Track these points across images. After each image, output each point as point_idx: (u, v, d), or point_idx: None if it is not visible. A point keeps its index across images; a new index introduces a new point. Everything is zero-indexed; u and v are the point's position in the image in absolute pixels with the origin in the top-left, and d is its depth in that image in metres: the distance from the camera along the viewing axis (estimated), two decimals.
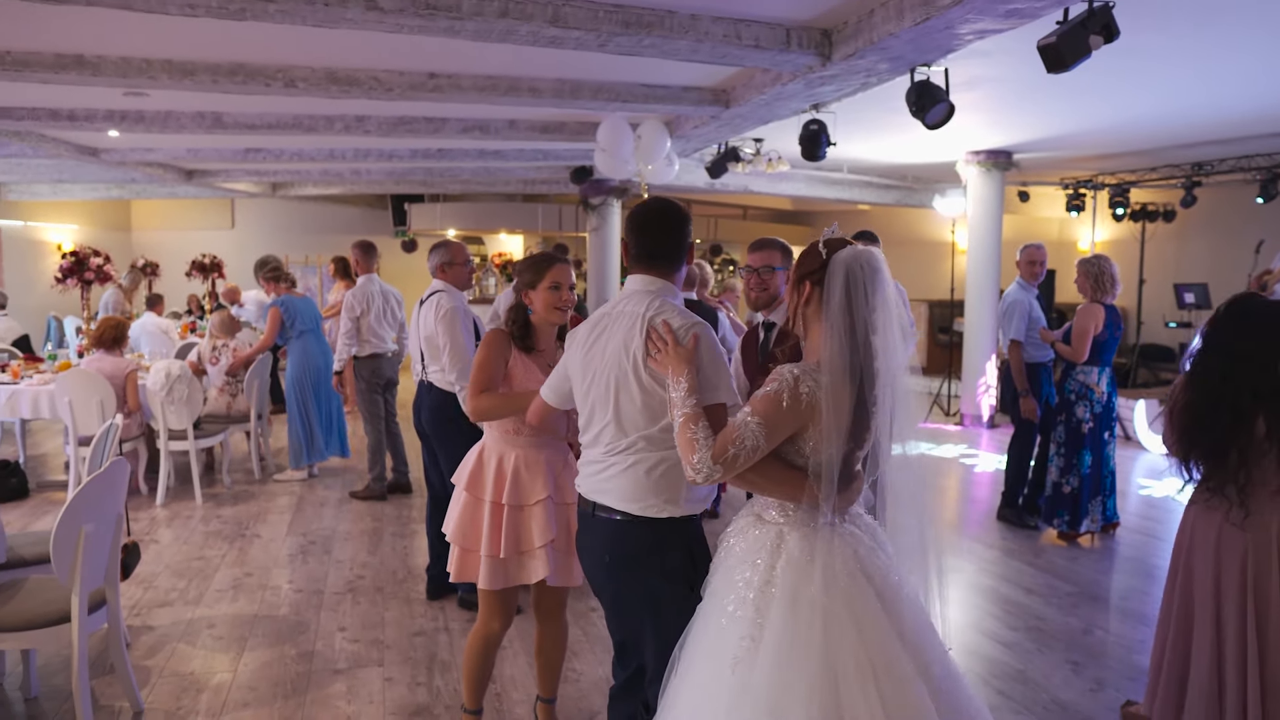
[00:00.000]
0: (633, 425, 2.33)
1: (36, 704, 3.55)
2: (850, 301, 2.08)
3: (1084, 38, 3.67)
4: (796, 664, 1.94)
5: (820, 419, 2.06)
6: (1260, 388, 2.82)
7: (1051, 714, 3.53)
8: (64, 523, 3.09)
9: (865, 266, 2.11)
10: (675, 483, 2.32)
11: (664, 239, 2.45)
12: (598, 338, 2.43)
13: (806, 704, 1.90)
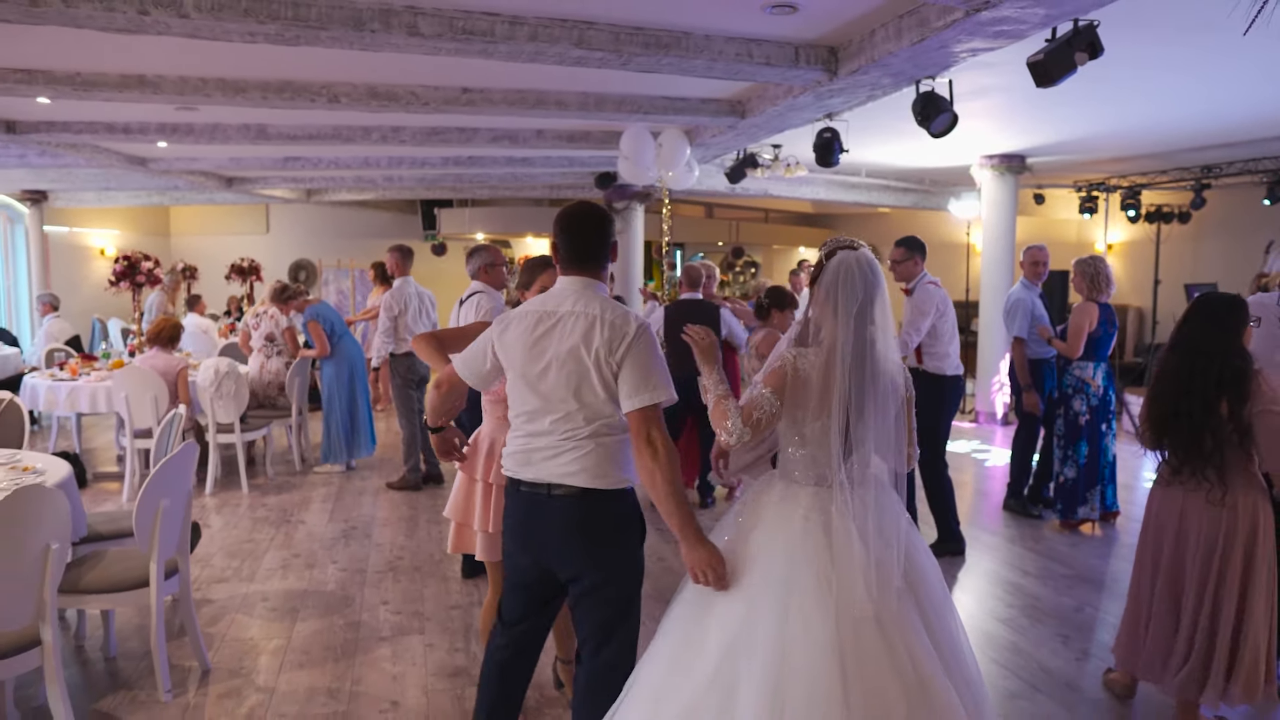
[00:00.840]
0: (596, 413, 2.54)
1: (115, 663, 3.94)
2: (837, 295, 2.41)
3: (1069, 55, 3.96)
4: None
5: (813, 392, 2.41)
6: (1223, 375, 3.12)
7: (1039, 679, 3.82)
8: (144, 498, 3.47)
9: (856, 266, 2.43)
10: (627, 460, 2.59)
11: (592, 241, 2.65)
12: (545, 334, 2.57)
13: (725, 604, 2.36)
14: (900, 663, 2.25)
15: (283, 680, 3.79)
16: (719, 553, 2.40)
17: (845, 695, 2.17)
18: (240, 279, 11.98)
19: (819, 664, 2.20)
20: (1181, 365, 3.24)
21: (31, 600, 2.97)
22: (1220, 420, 3.12)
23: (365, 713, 3.51)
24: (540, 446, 2.59)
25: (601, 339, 2.51)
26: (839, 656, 2.21)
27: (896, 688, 2.22)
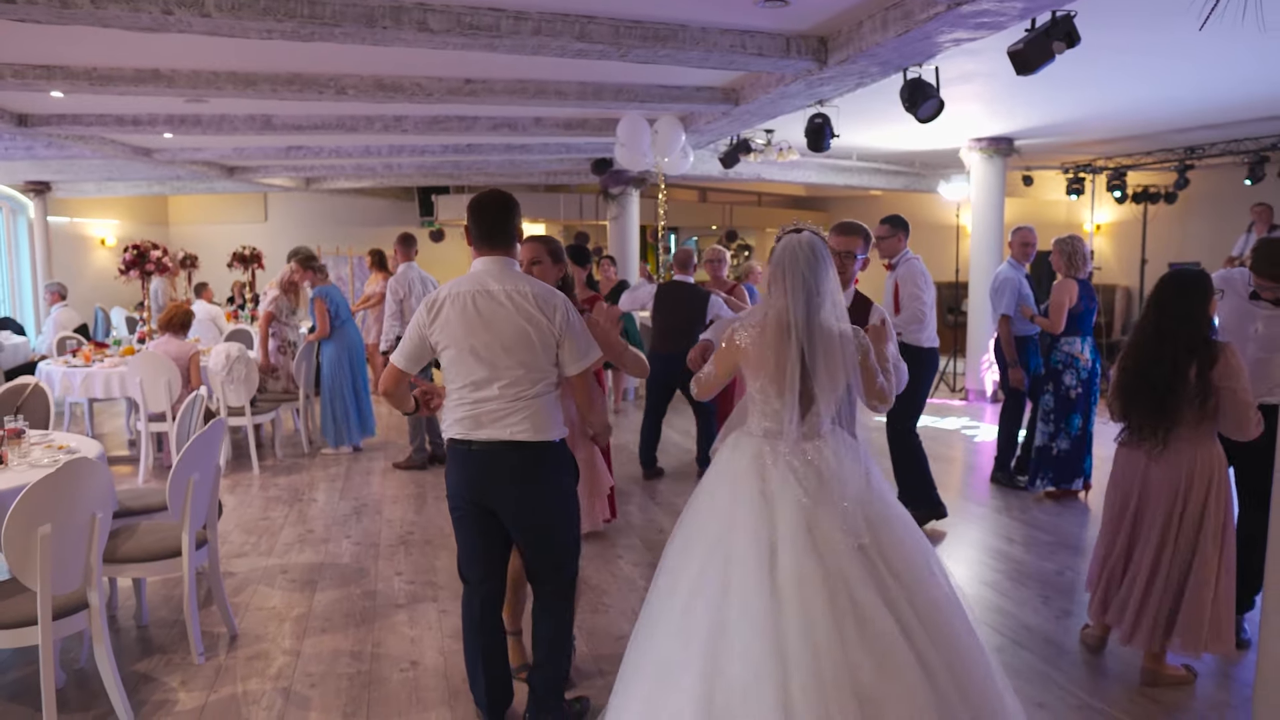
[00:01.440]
0: (540, 376, 2.95)
1: (147, 630, 4.16)
2: (784, 272, 2.72)
3: (1047, 44, 4.16)
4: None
5: (750, 359, 2.77)
6: (1193, 342, 3.37)
7: (1020, 636, 4.07)
8: (177, 472, 3.68)
9: (799, 247, 2.73)
10: (559, 414, 3.04)
11: (507, 224, 3.00)
12: (487, 310, 2.89)
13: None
14: (840, 603, 2.45)
15: (307, 644, 4.02)
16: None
17: (777, 623, 2.42)
18: (243, 266, 12.14)
19: (755, 603, 2.45)
20: (1154, 334, 3.48)
21: (80, 566, 3.19)
22: (1185, 383, 3.36)
23: (387, 672, 3.74)
24: (490, 410, 2.93)
25: (543, 312, 2.90)
26: (773, 591, 2.46)
27: (828, 620, 2.42)
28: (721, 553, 2.59)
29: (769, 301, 2.79)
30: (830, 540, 2.55)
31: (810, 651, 2.39)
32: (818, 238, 2.78)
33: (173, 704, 3.48)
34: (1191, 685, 3.58)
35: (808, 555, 2.51)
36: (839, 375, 2.69)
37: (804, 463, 2.66)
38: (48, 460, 3.82)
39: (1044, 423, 6.17)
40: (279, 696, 3.53)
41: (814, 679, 2.36)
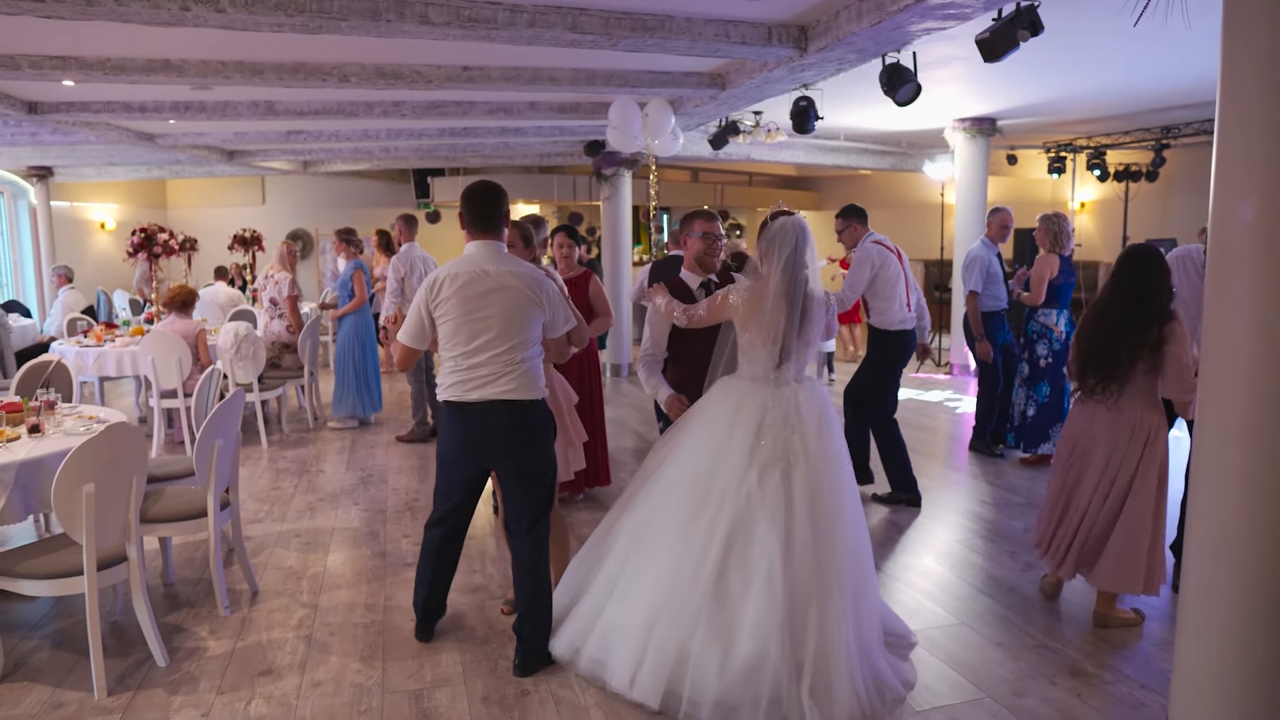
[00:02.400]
0: (528, 343, 3.41)
1: (174, 588, 4.46)
2: (777, 248, 3.34)
3: (1013, 33, 4.43)
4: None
5: (740, 315, 3.40)
6: (1151, 311, 3.68)
7: (985, 586, 4.39)
8: (203, 438, 3.97)
9: (790, 226, 3.34)
10: (539, 374, 3.50)
11: (495, 211, 3.44)
12: (484, 289, 3.33)
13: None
14: (795, 506, 3.23)
15: (324, 598, 4.32)
16: None
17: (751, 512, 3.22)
18: (243, 249, 12.35)
19: (740, 497, 3.23)
20: (1114, 304, 3.78)
21: (120, 522, 3.48)
22: (1140, 348, 3.67)
23: (401, 622, 4.05)
24: (483, 374, 3.38)
25: (533, 291, 3.38)
26: (752, 489, 3.24)
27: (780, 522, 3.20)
28: (677, 467, 3.40)
29: (761, 272, 3.40)
30: (761, 473, 3.25)
31: (699, 556, 3.20)
32: (804, 219, 3.44)
33: (203, 650, 3.78)
34: (1139, 626, 3.90)
35: (732, 485, 3.24)
36: (819, 332, 3.38)
37: (773, 401, 3.32)
38: (81, 429, 4.11)
39: (1020, 390, 6.49)
40: (301, 643, 3.84)
41: (693, 576, 3.18)
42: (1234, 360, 2.62)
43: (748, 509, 3.21)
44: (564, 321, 3.54)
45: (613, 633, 3.31)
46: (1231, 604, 2.63)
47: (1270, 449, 2.55)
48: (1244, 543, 2.59)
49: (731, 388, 3.46)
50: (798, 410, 3.31)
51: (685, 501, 3.30)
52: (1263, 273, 2.55)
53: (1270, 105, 2.50)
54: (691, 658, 3.09)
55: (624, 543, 3.46)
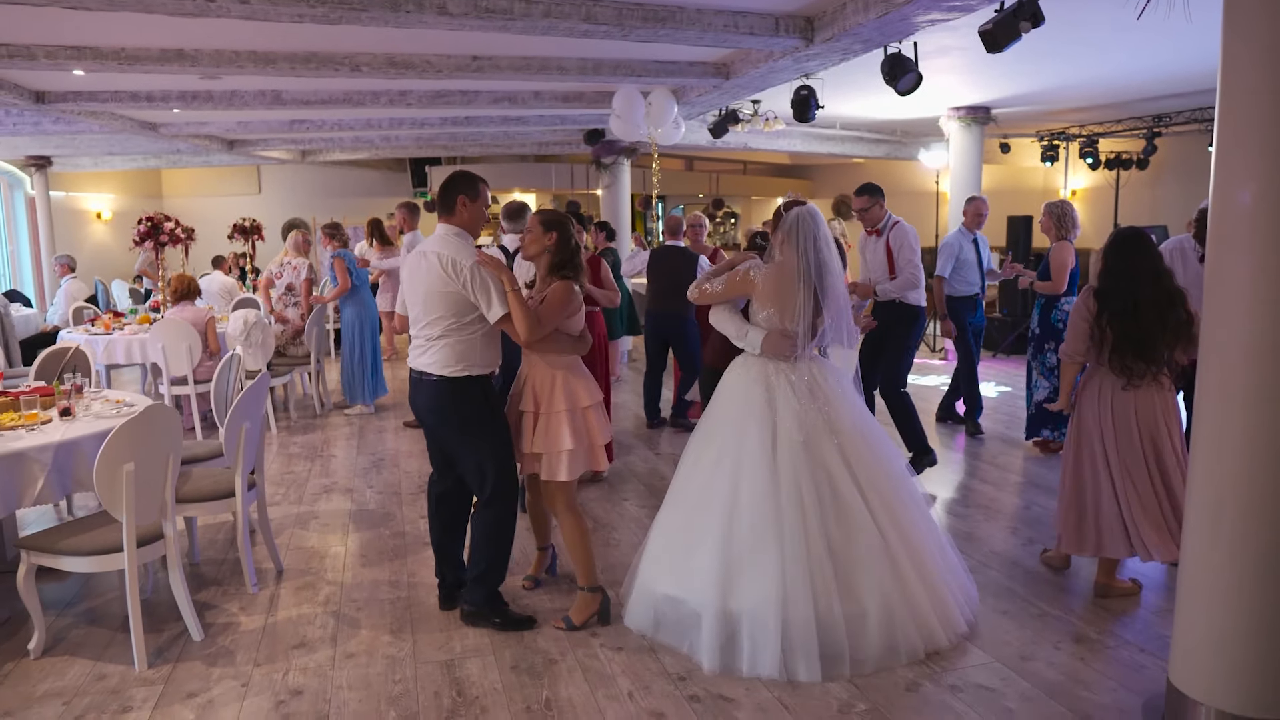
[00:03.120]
0: (446, 323, 3.56)
1: (200, 567, 4.57)
2: (797, 235, 3.56)
3: (1015, 24, 4.55)
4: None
5: (760, 292, 3.58)
6: (1178, 289, 3.82)
7: (988, 559, 4.54)
8: (231, 420, 4.08)
9: (807, 215, 3.60)
10: (468, 355, 3.61)
11: (447, 197, 3.66)
12: (420, 269, 3.58)
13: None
14: (822, 488, 3.40)
15: (348, 576, 4.45)
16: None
17: (776, 492, 3.38)
18: (243, 238, 12.38)
19: (760, 484, 3.39)
20: (1123, 283, 3.88)
21: (158, 501, 3.59)
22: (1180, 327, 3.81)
23: (424, 596, 4.17)
24: (414, 346, 3.69)
25: (449, 272, 3.52)
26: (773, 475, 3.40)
27: (813, 499, 3.37)
28: (734, 444, 3.47)
29: (781, 257, 3.62)
30: (817, 438, 3.44)
31: (800, 522, 3.33)
32: (816, 208, 3.69)
33: (236, 625, 3.90)
34: (1138, 595, 4.06)
35: (800, 449, 3.40)
36: (841, 309, 3.60)
37: (799, 377, 3.54)
38: (111, 412, 4.21)
39: (1046, 379, 6.47)
40: (330, 618, 3.96)
41: (801, 543, 3.31)
42: (1232, 336, 2.75)
43: (821, 474, 3.41)
44: (488, 305, 3.51)
45: (753, 626, 3.32)
46: (1229, 567, 2.78)
47: (1265, 420, 2.69)
48: (1241, 509, 2.74)
49: (752, 364, 3.63)
50: (817, 382, 3.55)
51: (761, 481, 3.40)
52: (1259, 253, 2.68)
53: (1269, 94, 2.63)
54: (831, 624, 3.30)
55: (711, 540, 3.44)
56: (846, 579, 3.33)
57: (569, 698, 3.26)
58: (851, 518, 3.38)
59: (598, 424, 3.78)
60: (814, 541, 3.32)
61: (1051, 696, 3.21)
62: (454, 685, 3.36)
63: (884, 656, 3.34)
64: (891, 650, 3.35)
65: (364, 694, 3.31)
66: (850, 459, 3.46)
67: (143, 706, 3.24)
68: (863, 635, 3.33)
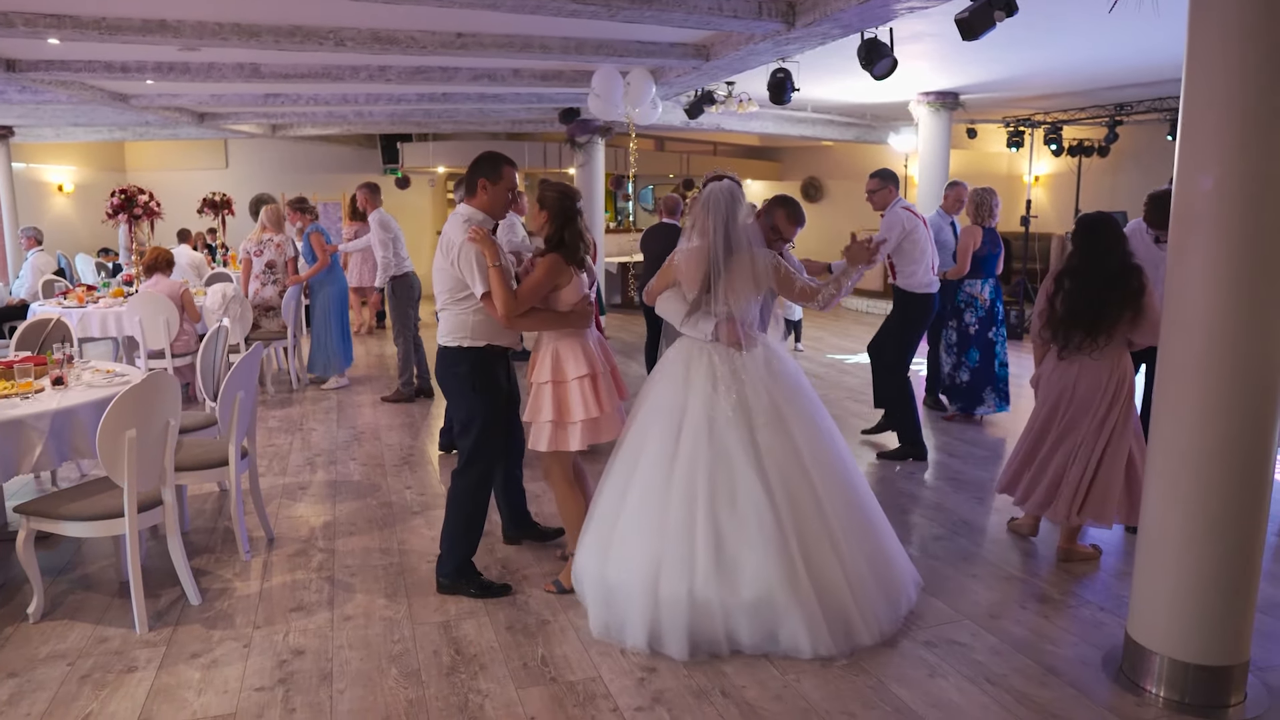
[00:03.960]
0: (446, 296, 3.77)
1: (190, 536, 4.63)
2: (708, 211, 3.51)
3: (990, 13, 4.72)
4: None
5: (683, 276, 3.58)
6: (1135, 265, 4.02)
7: (958, 528, 4.75)
8: (225, 390, 4.14)
9: (721, 192, 3.51)
10: (465, 326, 3.78)
11: (469, 178, 3.82)
12: (440, 247, 3.78)
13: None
14: (718, 476, 3.37)
15: (339, 544, 4.54)
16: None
17: (670, 474, 3.40)
18: (212, 213, 12.28)
19: (661, 452, 3.44)
20: (1093, 263, 4.09)
21: (157, 467, 3.65)
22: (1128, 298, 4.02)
23: (416, 563, 4.28)
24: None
25: (444, 252, 3.73)
26: (674, 450, 3.42)
27: (706, 480, 3.36)
28: (646, 421, 3.57)
29: (698, 238, 3.55)
30: (724, 424, 3.41)
31: (685, 505, 3.33)
32: (735, 183, 3.57)
33: (232, 590, 3.98)
34: (1097, 560, 4.29)
35: (704, 434, 3.41)
36: (749, 289, 3.50)
37: (722, 360, 3.52)
38: (102, 382, 4.25)
39: (947, 355, 6.91)
40: (325, 583, 4.06)
41: (684, 524, 3.32)
42: (1192, 312, 2.95)
43: (720, 459, 3.37)
44: (471, 282, 3.67)
45: (623, 597, 3.41)
46: (1184, 526, 2.99)
47: (1221, 389, 2.89)
48: (1197, 472, 2.94)
49: (681, 347, 3.63)
50: (744, 364, 3.49)
51: (659, 461, 3.43)
52: (1219, 235, 2.87)
53: (1229, 86, 2.80)
54: (701, 605, 3.28)
55: (606, 506, 3.57)
56: (731, 566, 3.29)
57: (564, 655, 3.40)
58: (747, 507, 3.32)
59: (593, 395, 3.76)
60: (700, 525, 3.30)
61: (1018, 650, 3.42)
62: (452, 645, 3.49)
63: (763, 643, 3.31)
64: (770, 638, 3.31)
65: (365, 653, 3.42)
66: (766, 447, 3.39)
67: (147, 666, 3.32)
68: (738, 621, 3.30)
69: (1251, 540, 2.98)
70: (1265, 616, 3.66)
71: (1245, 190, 2.80)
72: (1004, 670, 3.28)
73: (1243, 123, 2.78)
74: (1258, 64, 2.74)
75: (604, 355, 3.92)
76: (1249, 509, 2.95)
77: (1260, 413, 2.90)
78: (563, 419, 3.78)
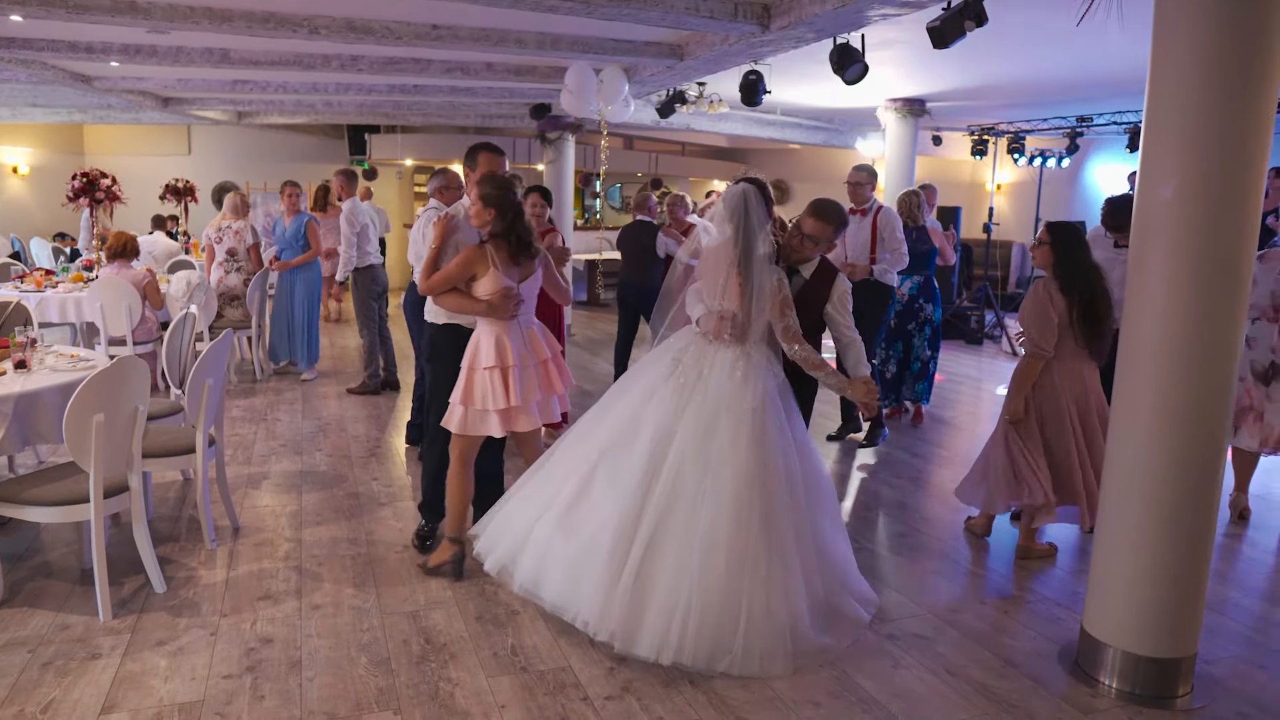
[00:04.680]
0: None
1: (154, 524, 4.57)
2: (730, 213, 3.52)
3: (960, 23, 4.82)
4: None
5: (700, 264, 3.60)
6: (1085, 271, 4.13)
7: (920, 525, 4.85)
8: (194, 378, 4.11)
9: (735, 195, 3.53)
10: (430, 302, 4.02)
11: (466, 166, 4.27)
12: None
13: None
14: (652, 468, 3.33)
15: (306, 533, 4.52)
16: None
17: (590, 477, 3.42)
18: (175, 199, 12.09)
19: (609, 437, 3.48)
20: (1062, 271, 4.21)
21: (124, 453, 3.62)
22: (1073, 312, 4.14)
23: (384, 553, 4.28)
24: None
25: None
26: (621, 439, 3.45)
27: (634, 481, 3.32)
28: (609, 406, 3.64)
29: (724, 235, 3.52)
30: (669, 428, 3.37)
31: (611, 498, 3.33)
32: (756, 186, 3.56)
33: (197, 579, 3.95)
34: (1054, 557, 4.42)
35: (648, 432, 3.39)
36: (765, 301, 3.47)
37: (693, 360, 3.50)
38: (66, 366, 4.19)
39: (880, 349, 7.03)
40: (293, 573, 4.04)
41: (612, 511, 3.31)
42: (1150, 318, 3.05)
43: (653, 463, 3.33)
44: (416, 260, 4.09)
45: (541, 553, 3.42)
46: (1140, 523, 3.10)
47: (1175, 390, 3.00)
48: (1153, 469, 3.05)
49: (681, 334, 3.65)
50: (713, 364, 3.45)
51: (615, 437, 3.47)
52: (1177, 243, 2.98)
53: (1189, 100, 2.91)
54: (618, 595, 3.23)
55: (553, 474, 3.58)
56: (648, 565, 3.21)
57: (534, 645, 3.43)
58: (671, 512, 3.25)
59: (501, 388, 3.75)
60: (625, 519, 3.26)
61: (978, 643, 3.51)
62: (421, 634, 3.50)
63: (658, 647, 3.14)
64: (665, 643, 3.14)
65: (334, 641, 3.42)
66: (716, 455, 3.29)
67: (112, 654, 3.29)
68: (641, 617, 3.18)
69: (1202, 538, 3.09)
70: (1212, 612, 3.80)
71: (1202, 199, 2.91)
72: (964, 662, 3.36)
73: (1208, 133, 2.89)
74: (1221, 79, 2.84)
75: (535, 348, 3.90)
76: (1201, 507, 3.06)
77: (1212, 414, 3.01)
78: (468, 403, 3.81)
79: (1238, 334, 3.02)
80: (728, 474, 3.29)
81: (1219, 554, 4.47)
